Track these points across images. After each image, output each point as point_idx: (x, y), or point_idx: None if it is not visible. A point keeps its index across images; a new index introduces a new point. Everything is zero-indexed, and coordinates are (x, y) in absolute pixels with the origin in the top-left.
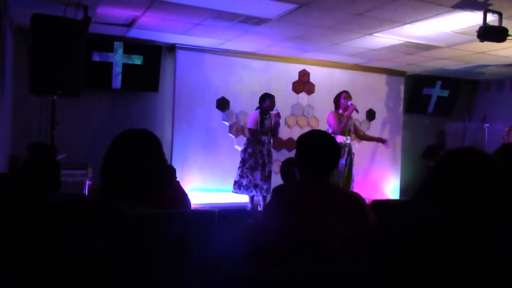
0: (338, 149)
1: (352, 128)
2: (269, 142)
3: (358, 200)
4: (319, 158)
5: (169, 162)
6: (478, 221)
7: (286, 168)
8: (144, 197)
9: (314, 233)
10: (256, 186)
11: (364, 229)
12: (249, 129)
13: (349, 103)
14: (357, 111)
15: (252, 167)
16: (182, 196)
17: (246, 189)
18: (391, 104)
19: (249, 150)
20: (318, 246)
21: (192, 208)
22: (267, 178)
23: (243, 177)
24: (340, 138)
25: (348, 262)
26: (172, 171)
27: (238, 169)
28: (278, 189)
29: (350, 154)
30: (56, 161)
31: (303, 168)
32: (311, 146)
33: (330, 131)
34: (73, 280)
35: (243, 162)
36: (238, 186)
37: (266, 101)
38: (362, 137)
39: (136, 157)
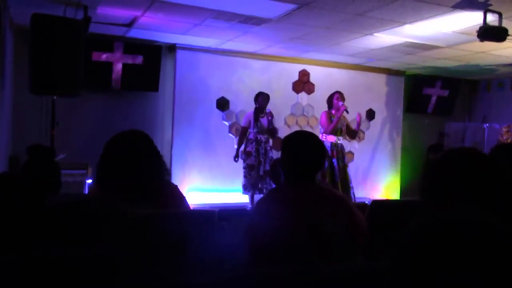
0: (324, 148)
1: (344, 128)
2: (267, 141)
3: (346, 201)
4: (304, 158)
5: (169, 162)
6: (499, 220)
7: (272, 170)
8: (140, 197)
9: (305, 231)
10: (253, 185)
11: (355, 228)
12: (241, 127)
13: (340, 103)
14: (347, 111)
15: (249, 166)
16: (179, 199)
17: (245, 189)
18: (391, 104)
19: (247, 149)
20: (309, 245)
21: (192, 208)
22: (262, 177)
23: (245, 177)
24: (331, 138)
25: (347, 262)
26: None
27: (243, 169)
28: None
29: (344, 153)
30: (56, 163)
31: (289, 168)
32: (296, 147)
33: (321, 131)
34: (73, 280)
35: (244, 162)
36: (245, 188)
37: (258, 99)
38: (349, 133)
39: (126, 161)
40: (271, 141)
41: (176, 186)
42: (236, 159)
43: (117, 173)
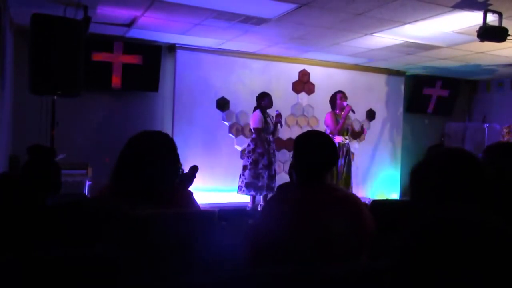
0: (336, 148)
1: (350, 128)
2: (273, 141)
3: (356, 201)
4: (317, 158)
5: None
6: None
7: (290, 169)
8: (157, 200)
9: (312, 233)
10: (267, 186)
11: (362, 229)
12: (255, 129)
13: (345, 103)
14: (353, 111)
15: (266, 166)
16: (189, 205)
17: (261, 190)
18: (391, 104)
19: (259, 150)
20: (316, 246)
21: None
22: (273, 177)
23: (258, 178)
24: (338, 139)
25: (349, 262)
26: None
27: (250, 170)
28: (281, 186)
29: (349, 154)
30: (56, 164)
31: (301, 168)
32: (309, 146)
33: (327, 131)
34: (73, 280)
35: (255, 163)
36: (253, 188)
37: (265, 99)
38: (353, 134)
39: (152, 160)
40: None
41: (191, 193)
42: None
43: (127, 175)
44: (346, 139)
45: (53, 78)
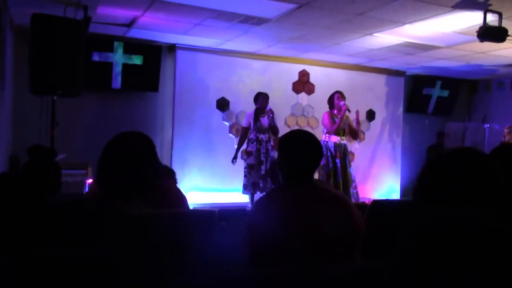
0: (320, 148)
1: (347, 129)
2: (268, 140)
3: (345, 201)
4: (301, 158)
5: (169, 162)
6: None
7: (271, 170)
8: (139, 197)
9: (305, 232)
10: (254, 185)
11: (354, 228)
12: (241, 128)
13: (342, 103)
14: (349, 111)
15: (249, 165)
16: (179, 197)
17: (245, 189)
18: (391, 104)
19: (247, 149)
20: (309, 245)
21: (191, 208)
22: (263, 177)
23: (245, 177)
24: (334, 138)
25: (346, 262)
26: (172, 173)
27: (244, 169)
28: (272, 191)
29: (347, 154)
30: (56, 164)
31: (286, 168)
32: (293, 146)
33: (324, 131)
34: (73, 280)
35: (245, 161)
36: (245, 187)
37: (259, 99)
38: (351, 133)
39: (127, 161)
40: (272, 140)
41: (176, 184)
42: (234, 161)
43: (114, 172)
44: (343, 140)
45: (53, 78)
